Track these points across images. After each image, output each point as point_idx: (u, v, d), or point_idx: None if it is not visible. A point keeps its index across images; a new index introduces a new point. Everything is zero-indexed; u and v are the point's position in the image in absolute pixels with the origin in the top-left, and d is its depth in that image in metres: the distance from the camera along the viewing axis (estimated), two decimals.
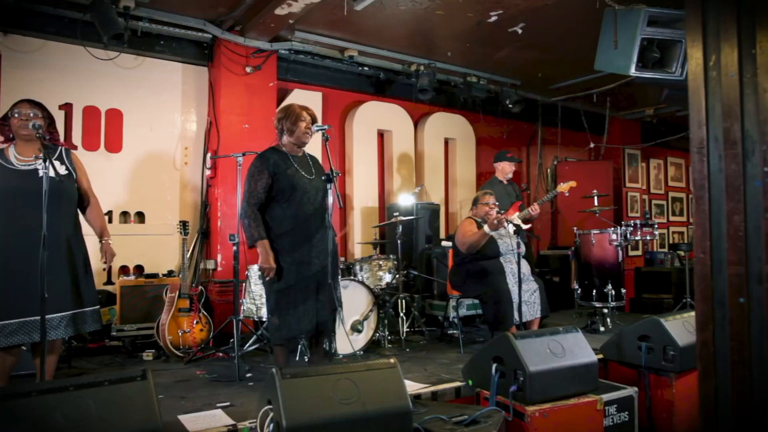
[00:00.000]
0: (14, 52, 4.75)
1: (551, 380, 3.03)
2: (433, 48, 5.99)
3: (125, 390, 2.07)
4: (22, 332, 2.74)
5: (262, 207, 3.35)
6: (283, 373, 2.27)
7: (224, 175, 5.28)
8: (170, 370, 3.86)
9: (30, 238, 2.78)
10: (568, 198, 6.80)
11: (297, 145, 3.45)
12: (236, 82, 5.38)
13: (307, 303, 3.29)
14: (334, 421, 2.22)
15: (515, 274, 4.33)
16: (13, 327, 2.72)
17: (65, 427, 1.89)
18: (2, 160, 2.85)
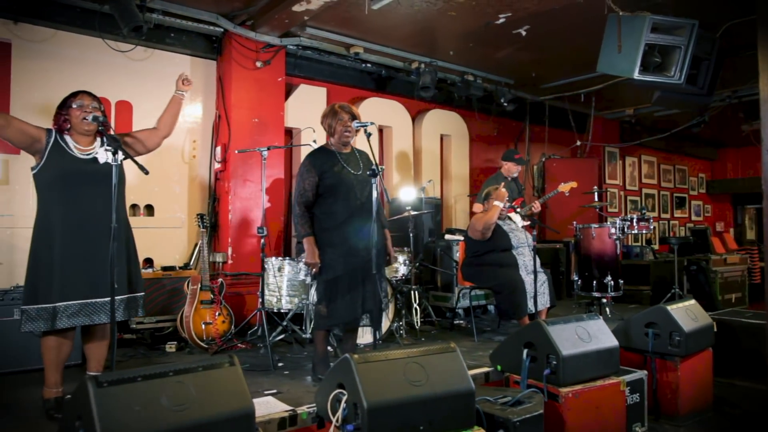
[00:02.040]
0: (25, 41, 4.68)
1: (581, 363, 3.24)
2: (435, 47, 6.15)
3: (217, 375, 2.16)
4: (83, 314, 2.78)
5: (313, 203, 3.46)
6: (358, 358, 2.39)
7: (235, 169, 5.32)
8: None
9: (89, 223, 2.84)
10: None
11: (340, 144, 3.55)
12: (247, 77, 5.41)
13: (353, 293, 3.42)
14: (408, 402, 2.36)
15: (527, 266, 4.56)
16: (75, 308, 2.76)
17: (170, 409, 1.97)
18: (63, 144, 2.87)
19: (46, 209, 2.85)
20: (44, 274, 2.76)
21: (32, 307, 2.74)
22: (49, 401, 2.82)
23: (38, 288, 2.75)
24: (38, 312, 2.73)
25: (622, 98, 8.15)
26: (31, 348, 3.57)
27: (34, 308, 2.73)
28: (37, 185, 2.89)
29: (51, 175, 2.83)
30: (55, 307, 2.73)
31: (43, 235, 2.81)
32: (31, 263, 2.81)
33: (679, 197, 11.41)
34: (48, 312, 2.73)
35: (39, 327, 2.74)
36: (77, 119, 2.87)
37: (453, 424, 2.46)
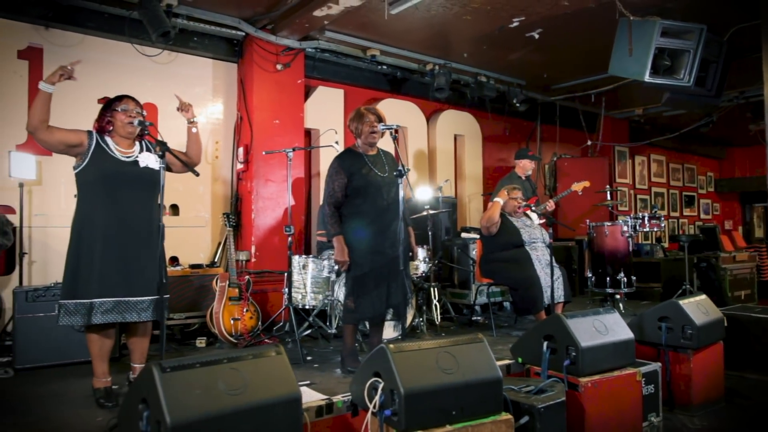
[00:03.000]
0: (55, 46, 4.85)
1: (599, 355, 3.37)
2: (449, 49, 6.29)
3: (266, 363, 2.31)
4: (116, 311, 2.90)
5: (342, 203, 3.61)
6: (393, 347, 2.54)
7: (257, 169, 5.47)
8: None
9: (127, 225, 2.96)
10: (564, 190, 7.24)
11: (368, 145, 3.70)
12: (267, 79, 5.57)
13: (380, 289, 3.57)
14: (441, 389, 2.50)
15: (541, 261, 4.70)
16: (109, 305, 2.88)
17: (227, 393, 2.12)
18: (105, 146, 2.99)
19: (87, 208, 2.97)
20: (83, 271, 2.88)
21: (71, 302, 2.87)
22: (99, 390, 2.97)
23: (77, 283, 2.87)
24: (76, 307, 2.86)
25: (632, 98, 8.28)
26: (72, 342, 3.75)
27: (72, 303, 2.86)
28: (79, 184, 3.01)
29: (93, 175, 2.95)
30: (91, 303, 2.86)
31: (83, 233, 2.92)
32: (70, 259, 2.93)
33: (688, 196, 11.52)
34: (85, 307, 2.85)
35: (76, 321, 2.87)
36: (121, 122, 3.00)
37: (483, 410, 2.60)
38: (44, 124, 2.84)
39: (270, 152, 4.92)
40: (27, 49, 4.71)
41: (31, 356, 3.66)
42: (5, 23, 4.59)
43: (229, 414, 2.09)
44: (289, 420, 2.26)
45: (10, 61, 4.63)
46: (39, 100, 2.85)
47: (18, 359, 3.63)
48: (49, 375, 3.55)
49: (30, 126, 2.84)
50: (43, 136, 2.85)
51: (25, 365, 3.63)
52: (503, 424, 2.63)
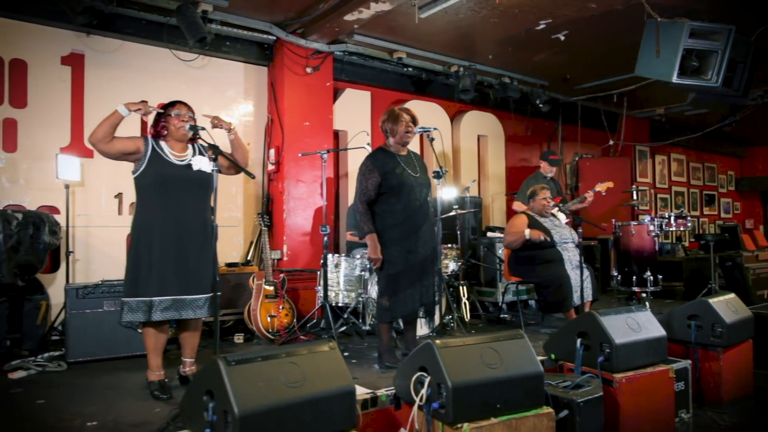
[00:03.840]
0: (96, 52, 5.01)
1: (632, 351, 3.45)
2: (474, 51, 6.38)
3: (322, 357, 2.43)
4: (174, 308, 3.04)
5: (374, 201, 3.69)
6: (440, 343, 2.64)
7: (289, 170, 5.60)
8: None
9: (183, 226, 3.08)
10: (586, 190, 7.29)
11: (400, 145, 3.79)
12: (298, 82, 5.69)
13: (413, 287, 3.66)
14: (486, 383, 2.60)
15: (571, 261, 4.77)
16: (167, 303, 3.02)
17: (287, 385, 2.24)
18: (160, 151, 3.12)
19: (145, 211, 3.10)
20: (143, 271, 3.01)
21: (133, 300, 3.00)
22: (154, 383, 3.10)
23: (138, 282, 3.01)
24: (137, 304, 2.99)
25: (654, 98, 8.30)
26: (119, 337, 3.90)
27: (134, 301, 3.00)
28: (137, 188, 3.13)
29: (150, 180, 3.08)
30: (151, 301, 2.99)
31: (143, 235, 3.05)
32: (130, 260, 3.06)
33: (708, 195, 11.50)
34: (146, 304, 2.99)
35: (137, 318, 3.00)
36: (174, 127, 3.13)
37: (526, 404, 2.70)
38: (108, 138, 2.97)
39: (306, 154, 5.04)
40: (70, 56, 4.87)
41: (82, 350, 3.81)
42: (50, 30, 4.75)
43: (289, 405, 2.20)
44: (345, 411, 2.37)
45: (54, 67, 4.79)
46: (112, 119, 2.99)
47: (70, 353, 3.79)
48: (100, 368, 3.70)
49: (94, 138, 2.97)
50: (104, 147, 2.99)
51: (77, 359, 3.79)
52: (545, 418, 2.72)
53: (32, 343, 4.14)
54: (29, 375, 3.51)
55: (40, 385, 3.33)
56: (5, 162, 4.58)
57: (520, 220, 4.92)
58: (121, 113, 3.00)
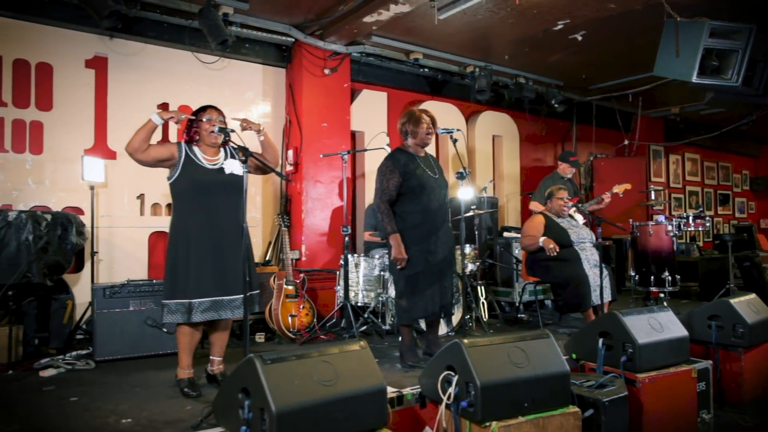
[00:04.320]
0: (118, 55, 5.08)
1: (655, 351, 3.46)
2: (491, 51, 6.40)
3: (353, 356, 2.47)
4: (213, 309, 3.10)
5: (394, 202, 3.72)
6: (467, 342, 2.67)
7: (307, 170, 5.64)
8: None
9: (218, 229, 3.14)
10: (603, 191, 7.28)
11: (420, 146, 3.83)
12: (316, 83, 5.73)
13: (432, 288, 3.69)
14: (514, 381, 2.63)
15: (589, 260, 4.78)
16: (206, 305, 3.08)
17: (321, 384, 2.28)
18: (193, 156, 3.17)
19: (181, 215, 3.16)
20: (181, 274, 3.07)
21: (172, 302, 3.06)
22: (183, 381, 3.16)
23: (177, 285, 3.07)
24: (177, 306, 3.05)
25: (669, 97, 8.28)
26: (145, 336, 3.97)
27: (174, 302, 3.06)
28: (173, 194, 3.20)
29: (185, 185, 3.13)
30: (191, 303, 3.05)
31: (180, 239, 3.11)
32: (169, 263, 3.12)
33: (722, 194, 11.44)
34: (185, 306, 3.05)
35: (177, 319, 3.07)
36: (206, 132, 3.19)
37: (552, 402, 2.72)
38: (144, 147, 3.03)
39: (327, 155, 5.09)
40: (93, 59, 4.94)
41: (109, 349, 3.88)
42: (74, 34, 4.83)
43: (323, 403, 2.24)
44: (377, 410, 2.41)
45: (78, 70, 4.86)
46: (146, 128, 3.06)
47: (98, 352, 3.85)
48: (127, 367, 3.76)
49: (130, 147, 3.03)
50: (141, 156, 3.05)
51: (104, 357, 3.85)
52: (572, 417, 2.75)
53: (59, 341, 4.21)
54: (59, 373, 3.58)
55: (71, 383, 3.39)
56: (31, 164, 4.66)
57: (537, 221, 4.94)
58: (155, 122, 3.06)
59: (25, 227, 3.70)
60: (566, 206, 4.96)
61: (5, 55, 4.56)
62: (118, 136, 5.00)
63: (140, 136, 3.04)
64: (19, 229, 3.68)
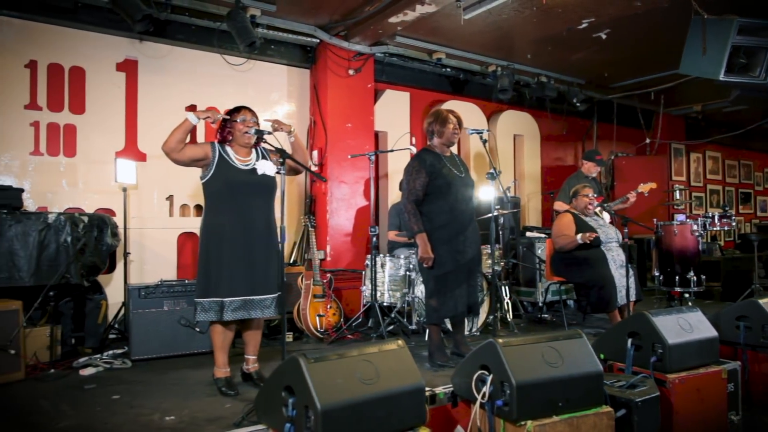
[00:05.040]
0: (148, 57, 5.17)
1: (685, 352, 3.46)
2: (513, 51, 6.41)
3: (392, 355, 2.52)
4: (244, 309, 3.15)
5: (421, 202, 3.75)
6: (502, 342, 2.71)
7: (332, 171, 5.70)
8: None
9: (250, 229, 3.19)
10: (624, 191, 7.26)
11: (446, 146, 3.87)
12: (340, 84, 5.79)
13: (461, 288, 3.74)
14: (549, 381, 2.66)
15: (615, 261, 4.79)
16: (238, 304, 3.13)
17: (363, 382, 2.33)
18: (226, 156, 3.22)
19: (213, 215, 3.20)
20: (214, 273, 3.12)
21: (205, 300, 3.12)
22: (220, 380, 3.22)
23: (210, 284, 3.12)
24: (210, 305, 3.12)
25: (691, 95, 8.22)
26: (179, 335, 4.05)
27: (207, 301, 3.12)
28: (206, 193, 3.24)
29: (218, 184, 3.18)
30: (223, 302, 3.11)
31: (213, 238, 3.16)
32: (201, 262, 3.18)
33: (744, 193, 11.32)
34: (218, 305, 3.11)
35: (210, 317, 3.13)
36: (239, 132, 3.24)
37: (586, 402, 2.75)
38: (180, 146, 3.09)
39: (355, 156, 5.14)
40: (124, 62, 5.04)
41: (145, 348, 3.96)
42: (105, 38, 4.92)
43: (365, 401, 2.30)
44: (416, 407, 2.46)
45: (109, 74, 4.96)
46: (183, 128, 3.11)
47: (134, 351, 3.94)
48: (163, 366, 3.84)
49: (167, 147, 3.09)
50: (177, 156, 3.11)
51: (140, 356, 3.94)
52: (605, 416, 2.77)
53: (94, 341, 4.30)
54: (98, 372, 3.67)
55: (111, 381, 3.48)
56: (65, 166, 4.76)
57: (567, 219, 4.94)
58: (192, 121, 3.12)
59: (64, 229, 3.80)
60: (591, 204, 4.97)
61: (40, 60, 4.66)
62: (148, 138, 5.10)
63: (176, 136, 3.09)
64: (58, 231, 3.78)
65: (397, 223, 5.33)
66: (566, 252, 4.90)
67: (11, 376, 3.45)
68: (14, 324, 3.50)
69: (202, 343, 4.05)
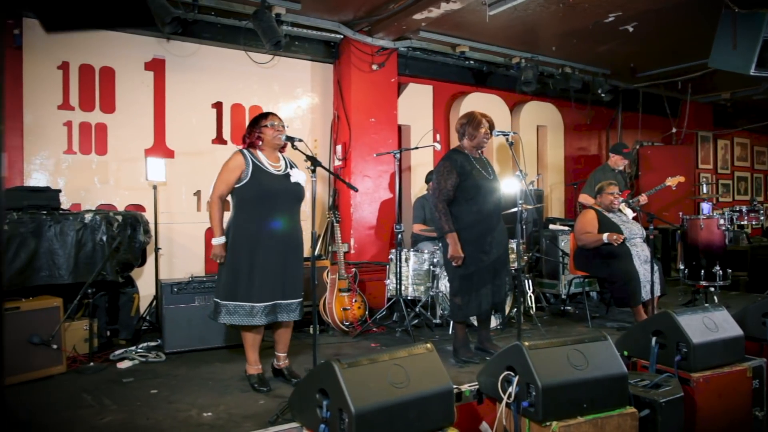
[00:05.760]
0: (175, 56, 5.25)
1: (709, 351, 3.49)
2: (538, 43, 6.36)
3: (422, 359, 2.60)
4: (272, 313, 3.24)
5: (450, 202, 3.81)
6: (528, 345, 2.77)
7: (355, 165, 5.76)
8: (346, 344, 4.44)
9: (279, 235, 3.26)
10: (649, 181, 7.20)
11: (476, 148, 3.90)
12: (364, 79, 5.82)
13: (486, 287, 3.80)
14: (574, 383, 2.72)
15: (639, 256, 4.79)
16: (268, 309, 3.22)
17: (394, 386, 2.42)
18: (259, 163, 3.28)
19: (243, 219, 3.25)
20: (243, 277, 3.19)
21: (231, 303, 3.19)
22: (253, 376, 3.34)
23: (237, 287, 3.19)
24: (236, 308, 3.19)
25: (721, 83, 8.08)
26: (209, 329, 4.17)
27: (233, 304, 3.19)
28: (237, 197, 3.29)
29: (253, 192, 3.23)
30: (252, 307, 3.18)
31: (242, 243, 3.22)
32: (229, 264, 3.23)
33: None
34: (246, 309, 3.18)
35: (234, 321, 3.20)
36: (269, 137, 3.31)
37: (610, 403, 2.81)
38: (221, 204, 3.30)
39: (380, 154, 5.19)
40: (152, 61, 5.14)
41: (178, 342, 4.11)
42: (134, 38, 5.02)
43: (396, 404, 2.38)
44: (445, 409, 2.54)
45: (138, 73, 5.07)
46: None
47: (167, 344, 4.09)
48: (195, 359, 3.98)
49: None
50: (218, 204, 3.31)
51: (173, 350, 4.08)
52: (629, 417, 2.83)
53: (127, 333, 4.46)
54: (134, 365, 3.82)
55: (147, 375, 3.62)
56: (96, 164, 4.90)
57: (590, 216, 4.95)
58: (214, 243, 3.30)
59: (100, 228, 3.93)
60: (617, 201, 4.96)
61: (72, 61, 4.78)
62: (176, 136, 5.22)
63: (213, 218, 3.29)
64: (94, 231, 3.91)
65: (421, 216, 5.39)
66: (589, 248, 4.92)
67: (54, 369, 3.61)
68: (56, 320, 3.65)
69: (232, 337, 4.17)
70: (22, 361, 3.47)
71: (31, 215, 3.73)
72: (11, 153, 4.61)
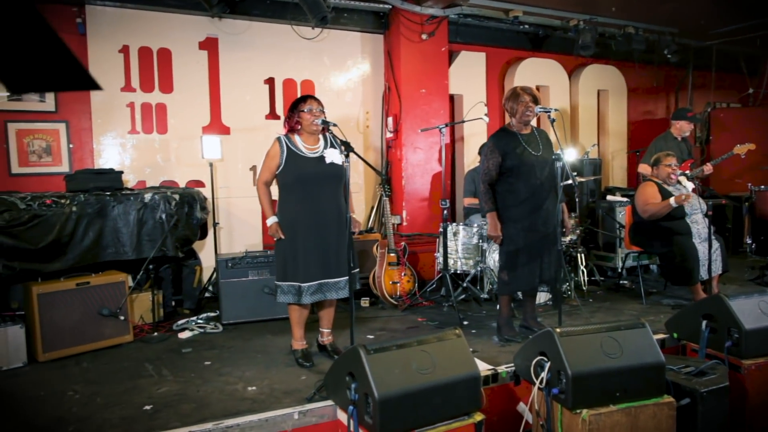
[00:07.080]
0: (227, 34, 5.38)
1: (764, 338, 3.35)
2: (597, 4, 6.04)
3: (449, 345, 2.66)
4: (320, 292, 3.39)
5: (496, 181, 3.81)
6: (560, 332, 2.77)
7: (407, 137, 5.76)
8: (394, 317, 4.57)
9: (321, 216, 3.38)
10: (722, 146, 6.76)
11: (522, 124, 3.83)
12: (413, 50, 5.75)
13: (532, 264, 3.79)
14: (605, 372, 2.71)
15: (700, 234, 4.59)
16: (314, 288, 3.37)
17: (419, 372, 2.50)
18: (294, 148, 3.40)
19: (287, 204, 3.42)
20: (291, 259, 3.37)
21: (284, 284, 3.39)
22: (297, 351, 3.52)
23: (287, 269, 3.38)
24: (288, 288, 3.38)
25: None
26: (262, 303, 4.40)
27: (286, 285, 3.39)
28: (279, 183, 3.46)
29: (290, 177, 3.37)
30: (300, 286, 3.35)
31: (286, 225, 3.38)
32: (278, 249, 3.43)
33: None
34: (295, 288, 3.36)
35: (288, 299, 3.40)
36: (308, 122, 3.39)
37: (645, 392, 2.78)
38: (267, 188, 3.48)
39: (425, 129, 5.18)
40: (206, 40, 5.29)
41: (233, 314, 4.37)
42: (187, 18, 5.17)
43: (421, 390, 2.47)
44: (472, 395, 2.61)
45: (193, 53, 5.24)
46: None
47: (224, 316, 4.36)
48: (249, 330, 4.24)
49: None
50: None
51: (229, 321, 4.36)
52: (665, 407, 2.79)
53: (191, 302, 4.79)
54: (193, 336, 4.11)
55: (204, 346, 3.90)
56: (159, 143, 5.16)
57: (652, 189, 4.70)
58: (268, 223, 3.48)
59: (159, 207, 4.18)
60: (674, 174, 4.72)
61: (131, 44, 5.00)
62: (231, 112, 5.39)
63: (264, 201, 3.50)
64: (154, 209, 4.17)
65: (472, 189, 5.37)
66: (649, 222, 4.71)
67: (122, 338, 3.95)
68: (122, 293, 3.97)
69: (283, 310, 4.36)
70: (94, 331, 3.82)
71: (96, 196, 4.02)
72: (82, 135, 4.94)
